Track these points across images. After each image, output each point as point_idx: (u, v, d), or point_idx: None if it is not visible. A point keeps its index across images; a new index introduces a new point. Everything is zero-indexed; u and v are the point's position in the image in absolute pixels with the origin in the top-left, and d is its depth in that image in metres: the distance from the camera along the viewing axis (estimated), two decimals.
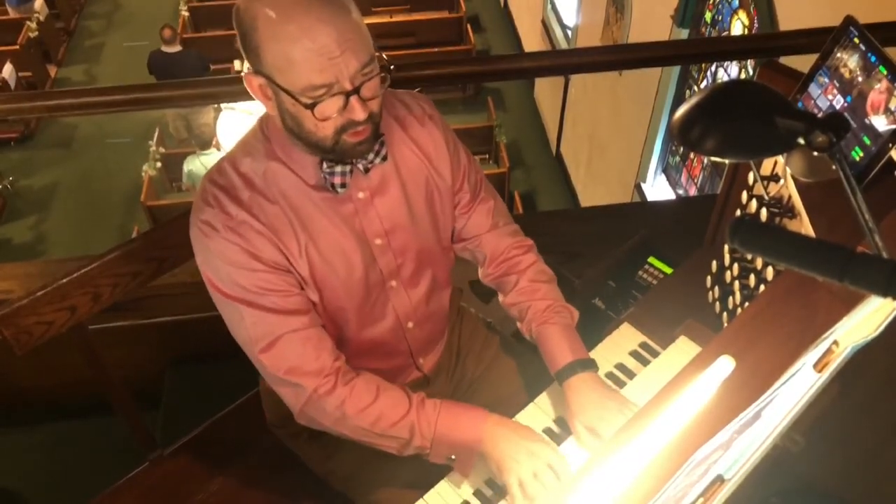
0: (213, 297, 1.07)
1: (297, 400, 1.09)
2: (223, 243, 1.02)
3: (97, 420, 1.97)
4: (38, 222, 5.89)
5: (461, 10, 7.55)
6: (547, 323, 1.20)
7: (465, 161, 1.21)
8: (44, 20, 7.09)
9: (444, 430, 1.09)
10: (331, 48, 0.90)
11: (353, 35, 0.92)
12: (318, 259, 1.07)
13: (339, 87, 0.93)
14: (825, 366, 0.75)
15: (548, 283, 1.25)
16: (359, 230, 1.10)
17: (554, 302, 1.22)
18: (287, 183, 1.05)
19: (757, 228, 0.60)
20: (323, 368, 1.07)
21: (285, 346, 1.06)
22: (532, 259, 1.26)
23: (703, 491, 0.69)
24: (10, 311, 1.15)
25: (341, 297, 1.12)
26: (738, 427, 0.64)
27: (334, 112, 0.95)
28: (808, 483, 0.98)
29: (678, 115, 0.72)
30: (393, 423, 1.09)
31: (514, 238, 1.27)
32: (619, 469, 0.72)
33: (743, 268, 1.25)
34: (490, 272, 1.27)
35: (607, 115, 5.40)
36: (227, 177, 1.05)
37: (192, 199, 1.09)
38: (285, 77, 0.93)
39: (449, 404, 1.12)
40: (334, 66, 0.91)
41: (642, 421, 0.76)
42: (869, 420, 1.04)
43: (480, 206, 1.24)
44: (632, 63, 2.50)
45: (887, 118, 0.95)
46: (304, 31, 0.89)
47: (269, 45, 0.92)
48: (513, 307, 1.26)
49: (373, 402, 1.08)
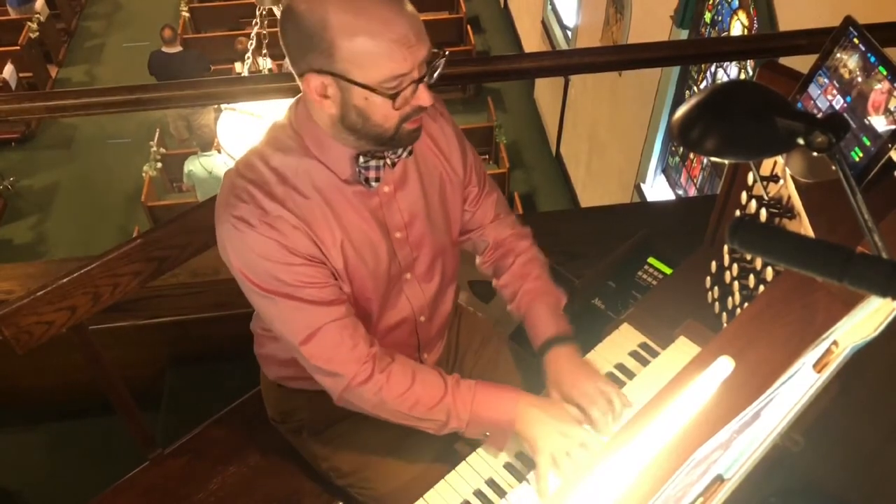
0: (247, 292, 1.07)
1: (336, 387, 1.11)
2: (259, 238, 1.02)
3: (97, 420, 1.97)
4: (38, 222, 5.89)
5: (461, 10, 7.55)
6: (534, 302, 1.24)
7: (471, 156, 1.24)
8: (44, 21, 7.08)
9: (479, 411, 1.12)
10: (409, 38, 0.93)
11: (419, 23, 0.95)
12: (351, 252, 1.09)
13: (412, 76, 0.96)
14: (825, 366, 0.76)
15: (540, 267, 1.29)
16: (382, 223, 1.12)
17: (543, 284, 1.27)
18: (321, 178, 1.05)
19: (756, 229, 0.60)
20: (360, 356, 1.09)
21: (324, 336, 1.07)
22: (527, 245, 1.30)
23: (703, 490, 0.69)
24: (11, 311, 1.15)
25: (369, 287, 1.14)
26: (737, 427, 0.65)
27: (408, 99, 0.98)
28: (807, 483, 0.98)
29: (678, 115, 0.72)
30: (430, 406, 1.11)
31: (513, 228, 1.31)
32: (620, 468, 0.72)
33: (742, 268, 1.25)
34: (488, 259, 1.32)
35: (607, 116, 5.40)
36: (257, 171, 1.04)
37: (192, 198, 1.09)
38: (365, 72, 0.94)
39: (483, 385, 1.14)
40: (413, 55, 0.94)
41: (642, 421, 0.76)
42: (869, 420, 1.04)
43: (487, 198, 1.28)
44: (631, 64, 2.50)
45: (887, 119, 0.95)
46: (383, 23, 0.92)
47: (344, 43, 0.92)
48: (505, 289, 1.29)
49: (409, 387, 1.10)
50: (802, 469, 0.98)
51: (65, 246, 5.63)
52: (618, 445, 0.75)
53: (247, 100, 2.00)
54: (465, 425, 1.13)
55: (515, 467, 1.16)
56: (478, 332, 1.44)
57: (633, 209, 3.48)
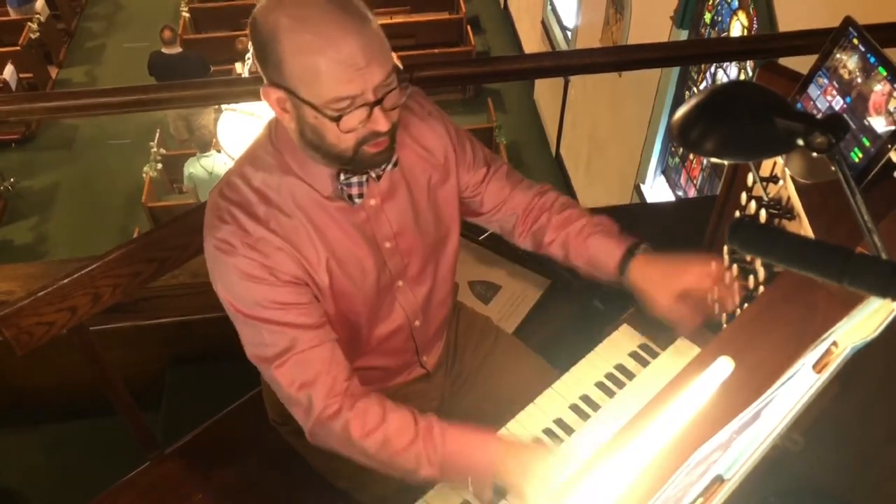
0: (231, 315, 1.06)
1: (306, 419, 1.08)
2: (242, 260, 1.00)
3: (97, 420, 1.97)
4: (39, 223, 5.89)
5: (461, 11, 7.55)
6: (591, 236, 1.21)
7: (468, 142, 1.22)
8: (45, 21, 7.08)
9: (450, 455, 1.06)
10: (357, 59, 0.89)
11: (376, 45, 0.90)
12: (337, 270, 1.07)
13: (363, 99, 0.92)
14: (824, 366, 0.76)
15: (576, 209, 1.26)
16: (370, 236, 1.10)
17: (588, 219, 1.23)
18: (303, 196, 1.03)
19: (756, 229, 0.60)
20: (333, 388, 1.06)
21: (301, 361, 1.05)
22: (554, 196, 1.28)
23: (703, 491, 0.69)
24: (11, 312, 1.15)
25: (357, 303, 1.12)
26: (737, 427, 0.65)
27: (358, 124, 0.94)
28: (807, 483, 0.98)
29: (678, 116, 0.72)
30: (398, 449, 1.06)
31: (532, 189, 1.29)
32: (619, 469, 0.72)
33: (742, 269, 1.25)
34: (524, 229, 1.28)
35: (607, 117, 5.40)
36: (239, 192, 1.03)
37: (193, 199, 1.09)
38: (309, 89, 0.91)
39: (455, 428, 1.08)
40: (360, 77, 0.90)
41: (642, 421, 0.76)
42: (868, 420, 1.04)
43: (495, 174, 1.25)
44: (631, 64, 2.50)
45: (886, 119, 0.95)
46: (329, 41, 0.88)
47: (291, 58, 0.89)
48: (553, 244, 1.25)
49: (378, 426, 1.06)
50: (802, 469, 0.98)
51: (65, 246, 5.63)
52: (618, 446, 0.75)
53: (247, 100, 2.00)
54: (438, 471, 1.07)
55: None
56: (478, 328, 1.44)
57: (633, 210, 3.48)
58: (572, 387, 1.24)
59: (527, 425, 1.21)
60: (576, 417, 1.21)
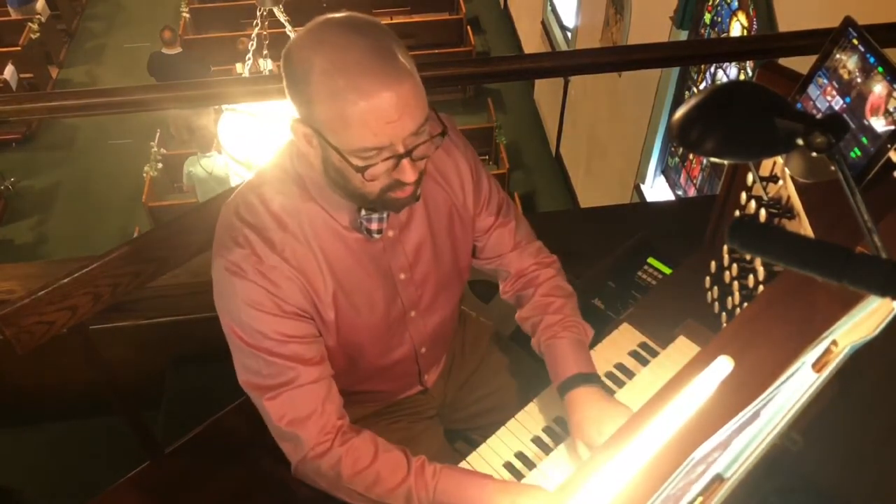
0: (229, 339, 1.04)
1: (294, 455, 1.06)
2: (252, 287, 0.98)
3: (97, 420, 1.97)
4: (39, 223, 5.89)
5: (461, 11, 7.56)
6: (555, 337, 1.17)
7: (486, 185, 1.18)
8: (45, 21, 7.09)
9: (442, 498, 1.03)
10: (389, 113, 0.86)
11: (412, 99, 0.88)
12: (344, 303, 1.05)
13: (392, 150, 0.90)
14: (824, 366, 0.76)
15: (563, 298, 1.22)
16: (385, 267, 1.08)
17: (566, 317, 1.19)
18: (321, 224, 1.02)
19: (756, 229, 0.60)
20: (325, 426, 1.04)
21: (294, 396, 1.03)
22: (550, 274, 1.24)
23: (703, 490, 0.69)
24: (12, 311, 1.15)
25: (360, 334, 1.10)
26: (736, 426, 0.65)
27: (384, 173, 0.92)
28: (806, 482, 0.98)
29: (677, 116, 0.72)
30: (390, 489, 1.04)
31: (537, 256, 1.25)
32: (619, 468, 0.72)
33: (742, 268, 1.25)
34: (509, 289, 1.26)
35: (607, 117, 5.40)
36: (256, 215, 1.00)
37: (193, 199, 1.09)
38: (337, 136, 0.89)
39: (449, 470, 1.06)
40: (391, 130, 0.87)
41: (641, 420, 0.76)
42: (868, 419, 1.04)
43: (501, 227, 1.22)
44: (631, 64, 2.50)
45: (886, 119, 0.95)
46: (362, 94, 0.85)
47: (323, 103, 0.87)
48: (525, 322, 1.24)
49: (369, 465, 1.04)
50: (801, 468, 0.98)
51: (65, 246, 5.63)
52: (617, 445, 0.75)
53: (247, 100, 2.00)
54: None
55: (515, 467, 1.17)
56: (476, 336, 1.43)
57: (633, 209, 3.48)
58: None
59: (527, 425, 1.21)
60: None
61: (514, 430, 1.21)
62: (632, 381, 1.24)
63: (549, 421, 1.22)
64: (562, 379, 1.13)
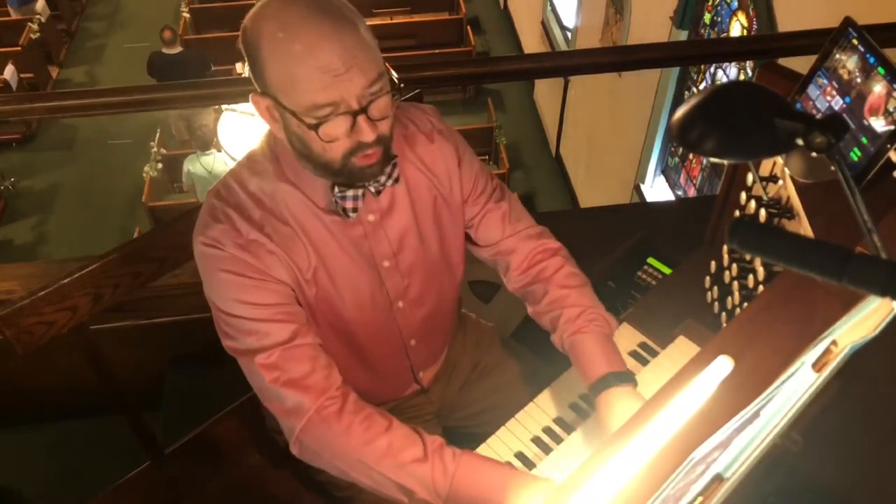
0: (216, 320, 1.04)
1: (294, 421, 1.00)
2: (229, 258, 0.98)
3: (98, 420, 1.97)
4: (39, 223, 5.89)
5: (461, 11, 7.56)
6: (580, 332, 1.11)
7: (475, 170, 1.16)
8: (45, 21, 7.08)
9: (460, 487, 0.97)
10: (335, 65, 0.86)
11: (359, 52, 0.87)
12: (326, 282, 1.05)
13: (346, 107, 0.89)
14: (824, 365, 0.76)
15: (579, 287, 1.16)
16: (367, 253, 1.07)
17: (586, 308, 1.13)
18: (297, 205, 1.01)
19: (756, 229, 0.60)
20: (327, 388, 1.00)
21: (288, 355, 0.99)
22: (559, 263, 1.18)
23: (703, 490, 0.69)
24: (12, 312, 1.15)
25: (346, 317, 1.09)
26: (736, 426, 0.65)
27: (341, 133, 0.91)
28: (806, 482, 0.98)
29: (677, 116, 0.72)
30: (402, 463, 0.97)
31: (537, 241, 1.20)
32: (619, 468, 0.72)
33: (742, 268, 1.25)
34: (516, 280, 1.20)
35: (607, 117, 5.40)
36: (235, 195, 1.01)
37: (193, 199, 1.09)
38: (289, 97, 0.89)
39: (469, 455, 1.00)
40: (339, 84, 0.87)
41: (642, 420, 0.76)
42: (868, 419, 1.04)
43: (492, 212, 1.18)
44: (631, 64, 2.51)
45: (885, 119, 0.95)
46: (306, 47, 0.85)
47: (272, 64, 0.88)
48: (542, 317, 1.18)
49: (383, 432, 0.98)
50: (801, 468, 0.98)
51: (66, 246, 5.63)
52: (617, 444, 0.75)
53: (247, 100, 2.00)
54: (443, 498, 0.97)
55: (515, 467, 1.16)
56: (477, 338, 1.42)
57: (633, 209, 3.48)
58: (571, 386, 1.24)
59: (527, 424, 1.21)
60: (575, 416, 1.21)
61: (514, 430, 1.21)
62: None
63: (550, 421, 1.22)
64: (593, 380, 1.08)
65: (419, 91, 1.49)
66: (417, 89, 1.50)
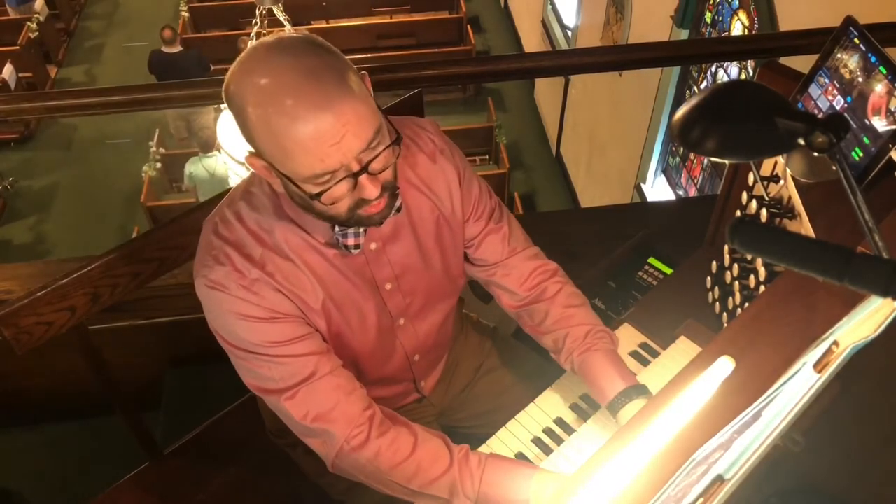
0: (230, 356, 1.02)
1: (328, 451, 1.02)
2: (238, 302, 0.96)
3: (97, 420, 1.97)
4: (38, 223, 5.89)
5: (461, 10, 7.56)
6: (590, 350, 1.12)
7: (476, 191, 1.14)
8: (44, 21, 7.08)
9: (489, 489, 1.00)
10: (330, 135, 0.81)
11: (353, 116, 0.82)
12: (335, 313, 1.04)
13: (346, 171, 0.85)
14: (825, 366, 0.75)
15: (581, 307, 1.18)
16: (369, 278, 1.06)
17: (592, 327, 1.15)
18: (298, 241, 0.99)
19: (757, 229, 0.60)
20: (355, 416, 1.01)
21: (314, 390, 1.00)
22: (560, 283, 1.19)
23: (703, 491, 0.69)
24: (11, 311, 1.15)
25: (353, 345, 1.09)
26: (738, 427, 0.65)
27: (344, 193, 0.88)
28: (807, 483, 0.98)
29: (678, 115, 0.72)
30: (432, 479, 1.00)
31: (536, 262, 1.20)
32: (620, 468, 0.72)
33: (743, 268, 1.25)
34: (515, 300, 1.20)
35: (607, 116, 5.40)
36: (234, 231, 0.98)
37: (192, 198, 1.08)
38: (285, 167, 0.86)
39: (494, 459, 1.03)
40: (336, 153, 0.83)
41: (643, 421, 0.76)
42: (869, 420, 1.04)
43: (493, 234, 1.17)
44: (632, 64, 2.50)
45: (887, 119, 0.95)
46: (294, 120, 0.80)
47: (263, 135, 0.84)
48: (545, 337, 1.18)
49: (410, 455, 1.01)
50: (803, 469, 0.97)
51: (64, 246, 5.63)
52: (618, 445, 0.75)
53: None
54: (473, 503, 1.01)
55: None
56: (477, 339, 1.41)
57: (634, 209, 3.48)
58: (572, 386, 1.24)
59: (527, 425, 1.21)
60: (575, 417, 1.21)
61: (515, 431, 1.21)
62: None
63: (550, 421, 1.21)
64: (610, 397, 1.09)
65: (419, 91, 1.48)
66: (417, 89, 1.49)
